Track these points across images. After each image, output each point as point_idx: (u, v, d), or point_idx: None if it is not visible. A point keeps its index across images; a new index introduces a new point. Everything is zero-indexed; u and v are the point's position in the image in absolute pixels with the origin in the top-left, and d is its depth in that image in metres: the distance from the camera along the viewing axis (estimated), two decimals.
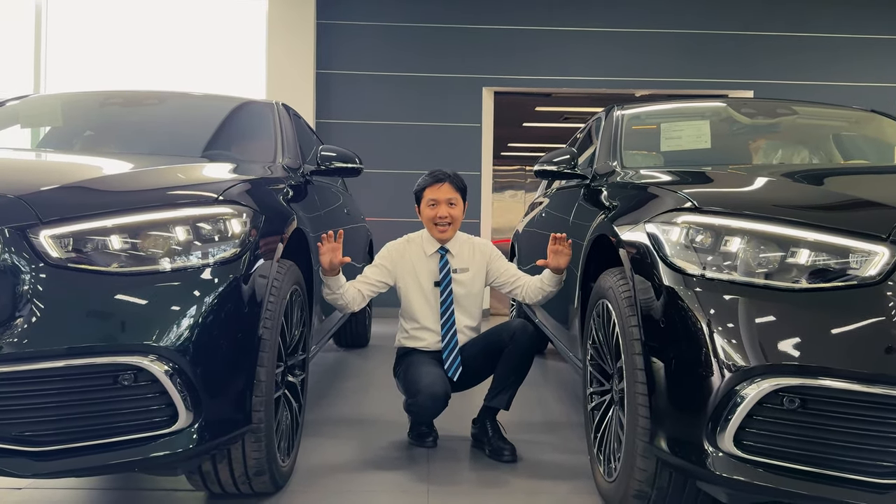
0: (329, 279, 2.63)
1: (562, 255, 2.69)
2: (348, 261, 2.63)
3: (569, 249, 2.69)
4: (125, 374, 1.66)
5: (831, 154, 3.22)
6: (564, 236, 2.69)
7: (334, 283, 2.64)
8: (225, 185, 2.08)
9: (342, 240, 2.60)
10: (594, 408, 2.34)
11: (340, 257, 2.57)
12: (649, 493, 1.89)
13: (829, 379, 1.49)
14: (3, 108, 3.21)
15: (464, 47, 7.34)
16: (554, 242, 2.70)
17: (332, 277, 2.62)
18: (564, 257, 2.69)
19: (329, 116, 7.26)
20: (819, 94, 7.15)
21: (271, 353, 2.01)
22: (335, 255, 2.56)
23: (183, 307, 1.74)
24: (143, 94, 3.51)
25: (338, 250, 2.57)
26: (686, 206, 1.87)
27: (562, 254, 2.69)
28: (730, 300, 1.64)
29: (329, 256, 2.55)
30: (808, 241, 1.64)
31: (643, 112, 3.43)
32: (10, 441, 1.61)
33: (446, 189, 2.79)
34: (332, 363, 4.62)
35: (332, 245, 2.56)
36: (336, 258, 2.56)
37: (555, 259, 2.70)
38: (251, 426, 1.94)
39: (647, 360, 1.81)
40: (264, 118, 3.25)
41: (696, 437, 1.63)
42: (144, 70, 7.14)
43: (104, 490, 2.31)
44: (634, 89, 7.43)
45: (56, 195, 1.81)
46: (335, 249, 2.56)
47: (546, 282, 2.77)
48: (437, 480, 2.44)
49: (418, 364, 2.71)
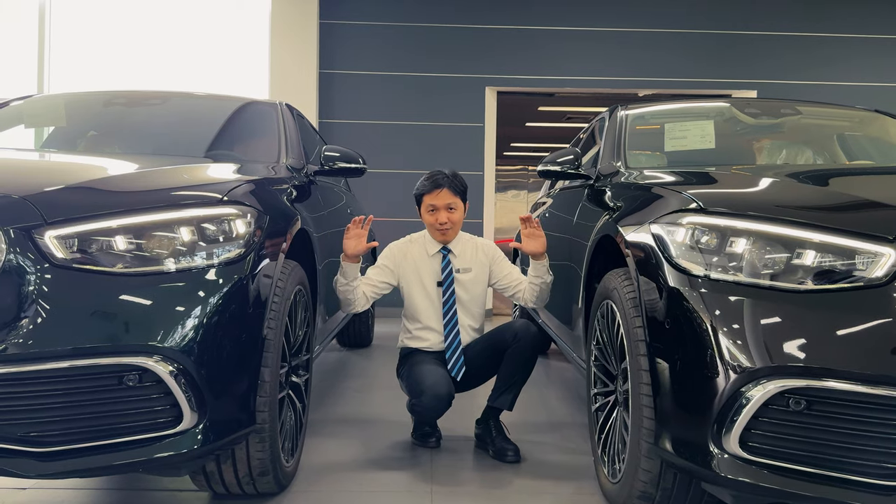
0: (347, 266, 2.63)
1: (535, 237, 2.64)
2: (376, 245, 2.70)
3: (541, 231, 2.64)
4: (130, 374, 1.66)
5: (835, 154, 3.21)
6: (531, 216, 2.65)
7: (351, 272, 2.65)
8: (229, 186, 2.08)
9: (369, 226, 2.62)
10: (598, 408, 2.34)
11: (365, 244, 2.60)
12: (653, 495, 1.89)
13: (834, 380, 1.49)
14: (6, 108, 3.21)
15: (467, 47, 7.34)
16: (525, 225, 2.65)
17: (351, 264, 2.63)
18: (539, 239, 2.63)
19: (332, 116, 7.26)
20: (823, 93, 7.13)
21: (275, 354, 2.02)
22: (360, 242, 2.59)
23: (187, 308, 1.74)
24: (147, 94, 3.52)
25: (363, 237, 2.60)
26: (691, 207, 1.87)
27: (535, 236, 2.64)
28: (735, 301, 1.63)
29: (355, 241, 2.58)
30: (813, 243, 1.63)
31: (647, 112, 3.43)
32: (14, 441, 1.61)
33: (445, 195, 2.77)
34: (336, 363, 4.63)
35: (360, 231, 2.59)
36: (361, 244, 2.59)
37: (529, 244, 2.64)
38: (255, 426, 1.94)
39: (652, 361, 1.80)
40: (268, 118, 3.25)
41: (701, 438, 1.62)
42: (148, 70, 7.15)
43: (108, 490, 2.31)
44: (638, 89, 7.42)
45: (61, 195, 1.81)
46: (361, 236, 2.59)
47: (532, 273, 2.70)
48: (441, 481, 2.44)
49: (422, 364, 2.70)
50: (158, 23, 7.24)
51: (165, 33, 7.23)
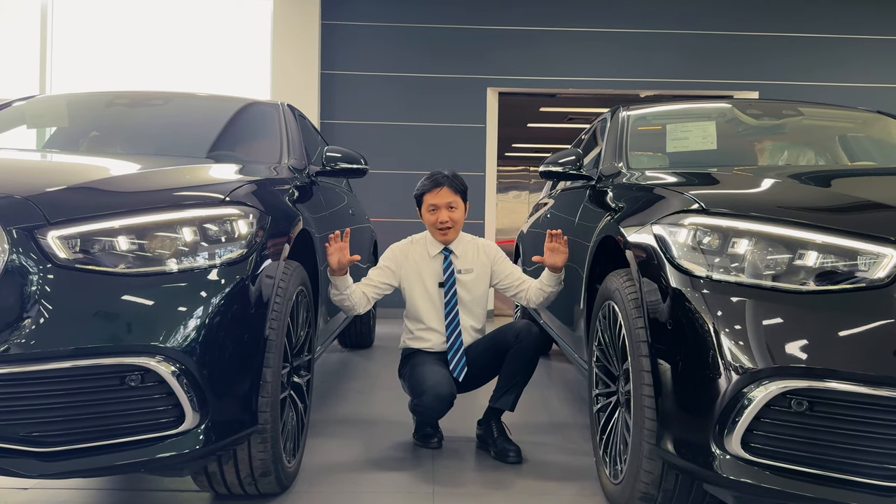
0: (337, 279, 2.63)
1: (558, 252, 2.67)
2: (358, 258, 2.64)
3: (565, 247, 2.67)
4: (132, 374, 1.66)
5: (837, 155, 3.21)
6: (560, 233, 2.68)
7: (342, 284, 2.65)
8: (231, 186, 2.08)
9: (349, 239, 2.61)
10: (600, 409, 2.33)
11: (348, 256, 2.58)
12: (655, 496, 1.88)
13: (836, 381, 1.49)
14: (9, 108, 3.22)
15: (468, 48, 7.34)
16: (551, 240, 2.67)
17: (339, 278, 2.63)
18: (561, 255, 2.67)
19: (333, 117, 7.27)
20: (825, 94, 7.13)
21: (277, 354, 2.02)
22: (343, 255, 2.57)
23: (190, 308, 1.74)
24: (149, 94, 3.52)
25: (345, 249, 2.58)
26: (693, 208, 1.87)
27: (558, 251, 2.67)
28: (737, 302, 1.63)
29: (337, 256, 2.56)
30: (815, 243, 1.63)
31: (649, 113, 3.43)
32: (16, 441, 1.61)
33: (445, 193, 2.78)
34: (337, 364, 4.63)
35: (340, 245, 2.57)
36: (344, 257, 2.57)
37: (551, 257, 2.67)
38: (257, 427, 1.94)
39: (654, 362, 1.80)
40: (269, 119, 3.26)
41: (703, 439, 1.62)
42: (150, 70, 7.16)
43: (110, 490, 2.31)
44: (639, 90, 7.42)
45: (63, 196, 1.81)
46: (342, 249, 2.57)
47: (546, 282, 2.75)
48: (442, 481, 2.44)
49: (423, 365, 2.70)
50: (160, 23, 7.25)
51: (167, 34, 7.24)
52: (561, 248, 2.67)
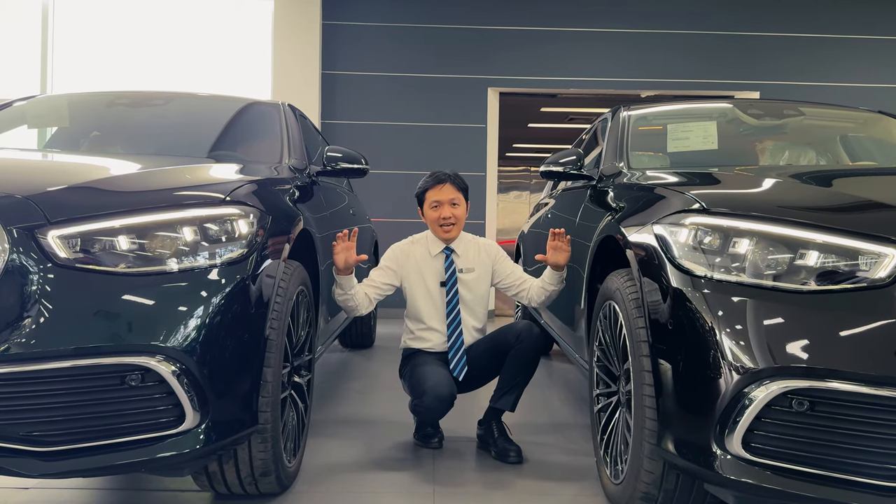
0: (342, 279, 2.64)
1: (561, 251, 2.68)
2: (365, 258, 2.66)
3: (568, 246, 2.68)
4: (132, 374, 1.66)
5: (838, 155, 3.20)
6: (563, 232, 2.68)
7: (347, 284, 2.65)
8: (232, 186, 2.08)
9: (356, 238, 2.61)
10: (601, 409, 2.33)
11: (355, 256, 2.58)
12: (656, 496, 1.88)
13: (837, 381, 1.49)
14: (10, 108, 3.22)
15: (469, 48, 7.34)
16: (553, 238, 2.69)
17: (344, 277, 2.63)
18: (564, 253, 2.68)
19: (334, 117, 7.27)
20: (826, 94, 7.12)
21: (278, 354, 2.02)
22: (350, 254, 2.58)
23: (190, 308, 1.74)
24: (150, 94, 3.52)
25: (352, 249, 2.59)
26: (694, 208, 1.86)
27: (561, 250, 2.68)
28: (738, 302, 1.63)
29: (344, 255, 2.57)
30: (817, 243, 1.63)
31: (650, 113, 3.43)
32: (17, 441, 1.61)
33: (448, 189, 2.79)
34: (338, 364, 4.63)
35: (347, 244, 2.58)
36: (351, 257, 2.58)
37: (554, 255, 2.69)
38: (258, 427, 1.94)
39: (655, 362, 1.80)
40: (270, 119, 3.26)
41: (703, 439, 1.62)
42: (151, 70, 7.16)
43: (110, 490, 2.31)
44: (640, 90, 7.42)
45: (64, 195, 1.81)
46: (349, 248, 2.58)
47: (548, 280, 2.76)
48: (443, 481, 2.43)
49: (424, 365, 2.70)
50: (161, 23, 7.25)
51: (168, 34, 7.24)
52: (564, 246, 2.68)
